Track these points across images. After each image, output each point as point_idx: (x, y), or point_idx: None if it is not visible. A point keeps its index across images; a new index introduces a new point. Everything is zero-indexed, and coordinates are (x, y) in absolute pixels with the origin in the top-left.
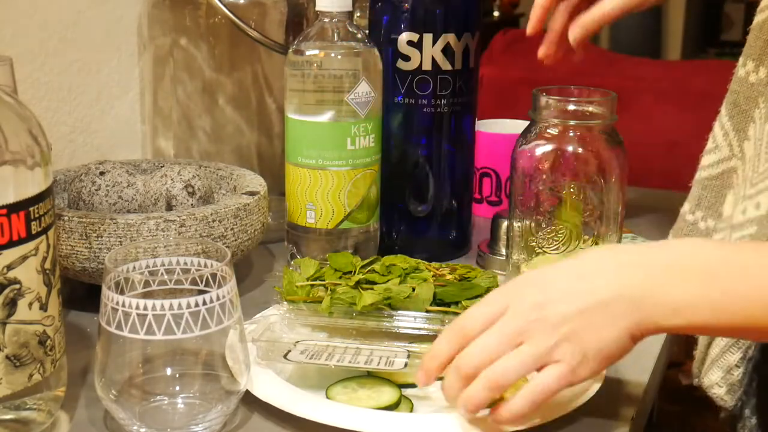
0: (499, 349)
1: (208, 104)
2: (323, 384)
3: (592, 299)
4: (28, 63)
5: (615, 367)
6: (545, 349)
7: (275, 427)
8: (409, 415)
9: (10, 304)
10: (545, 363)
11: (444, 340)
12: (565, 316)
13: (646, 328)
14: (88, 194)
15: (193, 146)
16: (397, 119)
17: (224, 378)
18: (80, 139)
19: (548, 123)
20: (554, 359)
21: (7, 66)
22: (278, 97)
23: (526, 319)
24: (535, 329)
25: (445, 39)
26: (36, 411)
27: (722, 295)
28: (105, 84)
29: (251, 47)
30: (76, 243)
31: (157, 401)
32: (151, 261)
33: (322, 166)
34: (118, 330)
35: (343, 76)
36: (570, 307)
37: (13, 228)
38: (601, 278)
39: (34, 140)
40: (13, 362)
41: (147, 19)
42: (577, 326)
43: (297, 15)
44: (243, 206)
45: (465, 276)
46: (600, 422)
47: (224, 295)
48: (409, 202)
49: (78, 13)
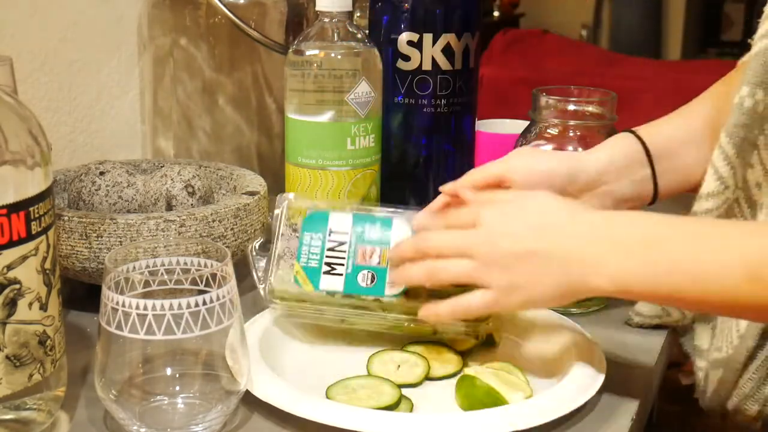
0: (450, 248)
1: (208, 104)
2: (323, 384)
3: (540, 247)
4: (28, 63)
5: (615, 367)
6: (484, 271)
7: (275, 427)
8: (409, 415)
9: (10, 304)
10: (478, 283)
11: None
12: (513, 252)
13: (577, 290)
14: (88, 194)
15: (193, 146)
16: (397, 119)
17: (224, 378)
18: (80, 139)
19: (548, 123)
20: (487, 283)
21: (7, 66)
22: (278, 97)
23: (482, 240)
24: (484, 252)
25: (445, 39)
26: (36, 411)
27: (653, 266)
28: (105, 84)
29: (251, 47)
30: (76, 243)
31: (157, 401)
32: (151, 261)
33: (322, 166)
34: (118, 330)
35: (343, 76)
36: (520, 246)
37: (13, 228)
38: (557, 234)
39: (34, 140)
40: (13, 362)
41: (147, 19)
42: (518, 264)
43: (297, 15)
44: (243, 206)
45: None
46: (600, 422)
47: (224, 295)
48: (409, 202)
49: (78, 13)
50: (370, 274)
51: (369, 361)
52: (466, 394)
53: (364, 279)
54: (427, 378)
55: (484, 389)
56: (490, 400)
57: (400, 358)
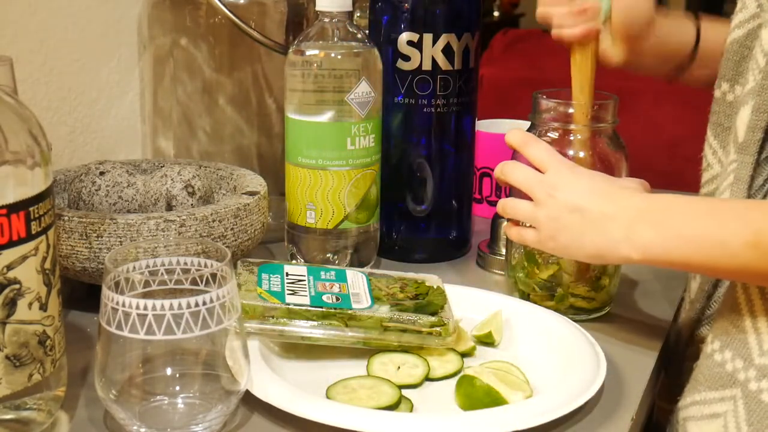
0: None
1: (208, 104)
2: (323, 384)
3: (589, 205)
4: (28, 63)
5: (615, 367)
6: (537, 214)
7: (275, 427)
8: (409, 415)
9: (10, 304)
10: (531, 222)
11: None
12: (565, 204)
13: (608, 254)
14: (88, 194)
15: (193, 146)
16: (397, 119)
17: (224, 378)
18: (80, 139)
19: (548, 126)
20: (537, 225)
21: (7, 66)
22: (278, 97)
23: (546, 188)
24: (544, 200)
25: (445, 39)
26: (36, 411)
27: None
28: (105, 84)
29: (251, 47)
30: (76, 243)
31: (157, 401)
32: (151, 261)
33: (322, 166)
34: (118, 330)
35: (343, 76)
36: (572, 200)
37: (13, 228)
38: (605, 199)
39: (34, 140)
40: (13, 362)
41: (147, 19)
42: (565, 216)
43: (297, 15)
44: (243, 206)
45: (417, 293)
46: (600, 422)
47: (224, 295)
48: (409, 202)
49: (78, 13)
50: (334, 296)
51: (369, 362)
52: (466, 394)
53: (329, 299)
54: (427, 378)
55: (484, 389)
56: (490, 400)
57: (400, 359)
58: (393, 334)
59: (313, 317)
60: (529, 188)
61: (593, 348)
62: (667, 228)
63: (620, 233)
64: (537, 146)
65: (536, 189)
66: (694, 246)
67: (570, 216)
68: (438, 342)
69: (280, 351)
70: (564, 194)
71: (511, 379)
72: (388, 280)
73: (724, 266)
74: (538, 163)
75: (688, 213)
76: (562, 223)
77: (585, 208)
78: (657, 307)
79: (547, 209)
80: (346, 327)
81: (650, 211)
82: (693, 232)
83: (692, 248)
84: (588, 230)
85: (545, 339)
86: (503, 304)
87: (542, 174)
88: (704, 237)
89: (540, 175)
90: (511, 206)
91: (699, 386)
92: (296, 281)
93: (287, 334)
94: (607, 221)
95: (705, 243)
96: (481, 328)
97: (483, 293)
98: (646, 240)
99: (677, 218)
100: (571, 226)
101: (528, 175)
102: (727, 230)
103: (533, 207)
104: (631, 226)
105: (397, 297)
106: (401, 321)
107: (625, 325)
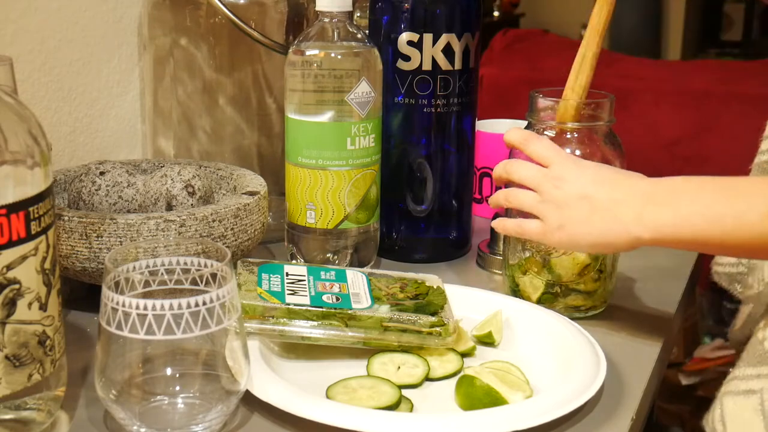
0: (525, 179)
1: (208, 104)
2: (323, 384)
3: (595, 194)
4: (28, 63)
5: (615, 367)
6: (543, 205)
7: (275, 427)
8: (409, 415)
9: (10, 304)
10: (536, 214)
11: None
12: (571, 194)
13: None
14: (88, 194)
15: (193, 146)
16: (397, 119)
17: (224, 378)
18: (80, 139)
19: (545, 125)
20: (542, 216)
21: (7, 66)
22: (278, 97)
23: (552, 181)
24: (546, 190)
25: (445, 39)
26: (36, 411)
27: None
28: (105, 84)
29: (251, 47)
30: (76, 243)
31: (157, 401)
32: (151, 261)
33: (322, 166)
34: (118, 330)
35: (343, 76)
36: (577, 189)
37: (12, 228)
38: (611, 186)
39: (34, 140)
40: (12, 362)
41: (147, 19)
42: (571, 206)
43: (297, 15)
44: (243, 206)
45: (417, 293)
46: (600, 422)
47: (224, 295)
48: (409, 202)
49: (78, 13)
50: (334, 296)
51: (369, 362)
52: (466, 393)
53: (329, 299)
54: (427, 378)
55: (484, 389)
56: (490, 400)
57: (400, 359)
58: (393, 334)
59: (313, 317)
60: (536, 183)
61: (593, 348)
62: (678, 205)
63: (630, 215)
64: (538, 142)
65: (542, 183)
66: (706, 220)
67: (578, 204)
68: (438, 342)
69: (280, 351)
70: (571, 185)
71: (511, 379)
72: (388, 280)
73: (739, 239)
74: (540, 159)
75: (698, 191)
76: (569, 212)
77: (593, 196)
78: (657, 307)
79: (554, 200)
80: (346, 327)
81: (659, 193)
82: (705, 208)
83: (704, 223)
84: (597, 216)
85: (545, 339)
86: (503, 304)
87: (546, 168)
88: (717, 211)
89: (545, 170)
90: (514, 195)
91: (741, 363)
92: (296, 281)
93: (287, 334)
94: (617, 206)
95: (717, 217)
96: (481, 328)
97: (483, 293)
98: (657, 218)
99: (688, 196)
100: (579, 214)
101: (533, 171)
102: (743, 203)
103: (538, 198)
104: (642, 207)
105: (397, 297)
106: (401, 321)
107: (625, 325)
